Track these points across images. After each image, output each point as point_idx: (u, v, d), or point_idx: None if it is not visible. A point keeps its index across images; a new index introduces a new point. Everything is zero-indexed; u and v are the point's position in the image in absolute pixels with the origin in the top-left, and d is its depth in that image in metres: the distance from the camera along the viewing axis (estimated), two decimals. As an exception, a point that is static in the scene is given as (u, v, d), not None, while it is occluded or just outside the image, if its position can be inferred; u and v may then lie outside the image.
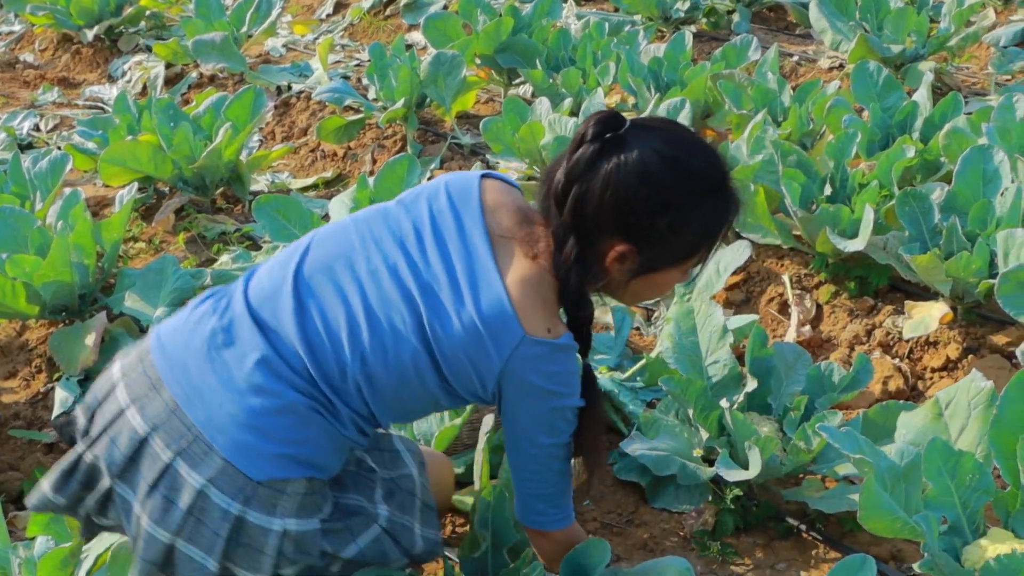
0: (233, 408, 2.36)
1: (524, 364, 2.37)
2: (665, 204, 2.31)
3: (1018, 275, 3.78)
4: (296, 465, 2.39)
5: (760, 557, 3.19)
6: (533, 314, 2.37)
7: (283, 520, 2.40)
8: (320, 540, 2.49)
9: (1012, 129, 4.98)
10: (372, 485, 2.67)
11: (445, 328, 2.36)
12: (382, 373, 2.39)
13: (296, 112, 7.51)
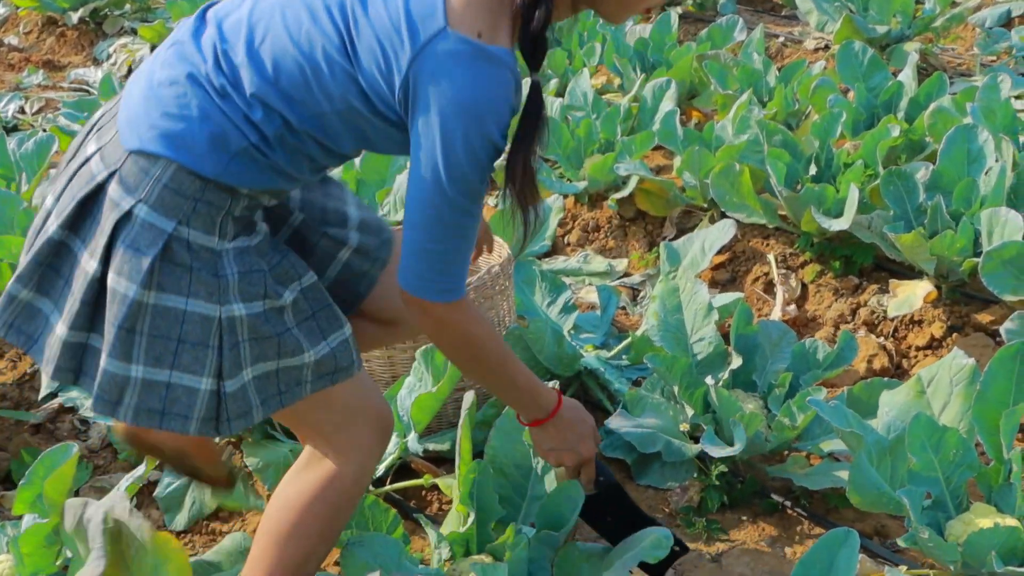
0: (138, 87, 2.28)
1: (437, 63, 2.10)
2: None
3: (1001, 253, 3.80)
4: (168, 143, 2.20)
5: (745, 533, 3.21)
6: (468, 13, 2.11)
7: (143, 202, 2.20)
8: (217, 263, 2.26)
9: (996, 109, 5.00)
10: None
11: (364, 6, 2.17)
12: (286, 54, 2.19)
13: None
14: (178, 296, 2.23)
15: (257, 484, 3.59)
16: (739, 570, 3.05)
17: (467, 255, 2.29)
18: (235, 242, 2.28)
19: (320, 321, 2.39)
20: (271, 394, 2.35)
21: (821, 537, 2.35)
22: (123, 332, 2.23)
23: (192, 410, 2.29)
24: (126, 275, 2.21)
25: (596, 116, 5.66)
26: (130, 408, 2.27)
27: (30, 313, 2.33)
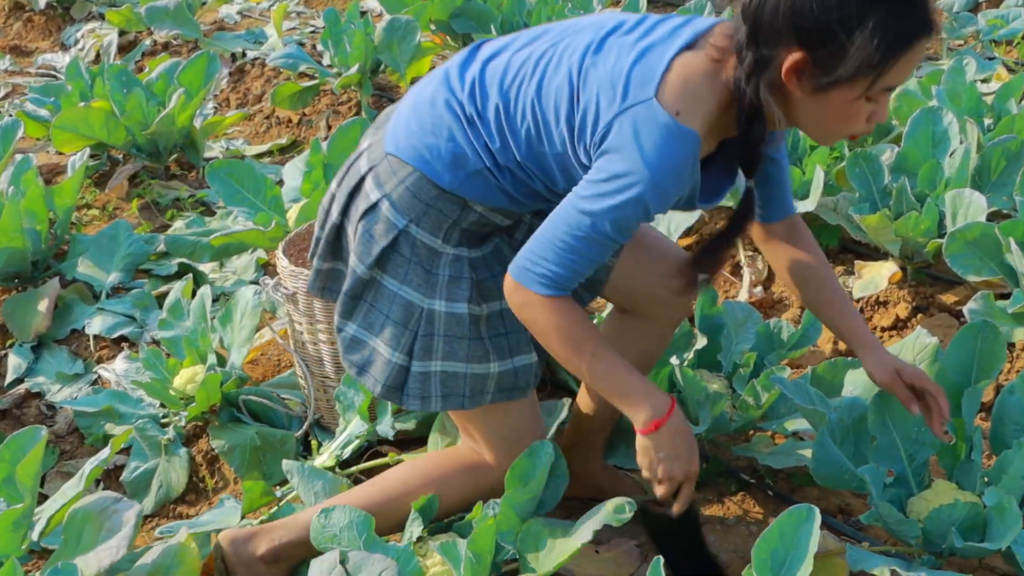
0: (409, 100, 2.72)
1: (633, 123, 2.36)
2: (841, 3, 2.27)
3: (965, 234, 3.83)
4: (417, 154, 2.61)
5: (710, 512, 3.22)
6: (674, 92, 2.36)
7: (387, 197, 2.64)
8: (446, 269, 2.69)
9: (962, 92, 5.03)
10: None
11: (596, 56, 2.45)
12: (527, 98, 2.51)
13: (251, 79, 7.48)
14: (395, 280, 2.71)
15: (223, 465, 3.59)
16: (704, 548, 3.07)
17: (585, 268, 2.49)
18: (456, 249, 2.69)
19: (511, 340, 2.76)
20: (456, 394, 2.76)
21: (782, 514, 2.37)
22: (347, 298, 2.78)
23: (382, 375, 2.77)
24: (358, 255, 2.72)
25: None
26: (341, 351, 2.87)
27: (334, 276, 2.87)
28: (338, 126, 4.98)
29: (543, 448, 2.69)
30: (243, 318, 3.75)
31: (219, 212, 5.17)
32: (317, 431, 3.61)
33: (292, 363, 3.91)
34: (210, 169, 4.76)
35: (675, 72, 2.38)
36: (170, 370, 3.77)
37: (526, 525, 2.68)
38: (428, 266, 2.68)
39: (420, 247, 2.67)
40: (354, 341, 2.81)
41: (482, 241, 2.75)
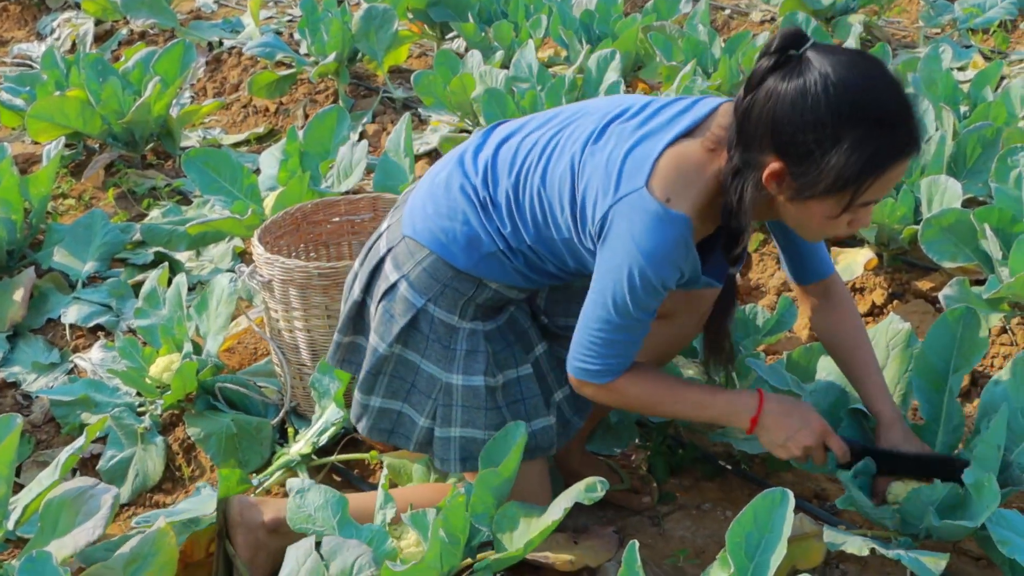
0: (426, 181, 2.84)
1: (627, 212, 2.45)
2: (817, 121, 2.29)
3: (940, 221, 3.84)
4: (433, 237, 2.72)
5: (687, 498, 3.23)
6: (665, 179, 2.44)
7: (405, 278, 2.76)
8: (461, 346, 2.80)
9: (938, 79, 5.05)
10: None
11: (596, 145, 2.53)
12: (533, 185, 2.61)
13: (228, 68, 7.46)
14: (416, 354, 2.83)
15: (199, 454, 3.59)
16: (680, 533, 3.08)
17: (631, 349, 2.62)
18: (472, 323, 2.80)
19: (528, 406, 2.87)
20: (474, 457, 2.83)
21: (756, 497, 2.36)
22: (370, 375, 2.89)
23: (412, 435, 2.91)
24: (379, 334, 2.83)
25: (541, 88, 5.66)
26: (366, 427, 2.97)
27: (354, 349, 2.99)
28: (314, 114, 4.97)
29: (516, 429, 2.69)
30: (219, 306, 3.74)
31: (196, 201, 5.15)
32: (293, 418, 3.60)
33: (268, 351, 3.90)
34: (186, 158, 4.74)
35: (667, 159, 2.46)
36: (146, 359, 3.75)
37: (502, 508, 2.67)
38: (446, 342, 2.80)
39: (438, 324, 2.79)
40: (381, 412, 2.94)
41: (497, 312, 2.86)
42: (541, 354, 2.93)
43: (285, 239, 3.80)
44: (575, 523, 3.09)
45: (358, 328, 2.96)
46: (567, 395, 2.94)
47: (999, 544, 2.47)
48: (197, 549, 3.00)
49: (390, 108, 6.68)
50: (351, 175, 4.69)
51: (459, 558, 2.60)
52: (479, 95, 5.58)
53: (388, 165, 4.58)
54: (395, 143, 4.64)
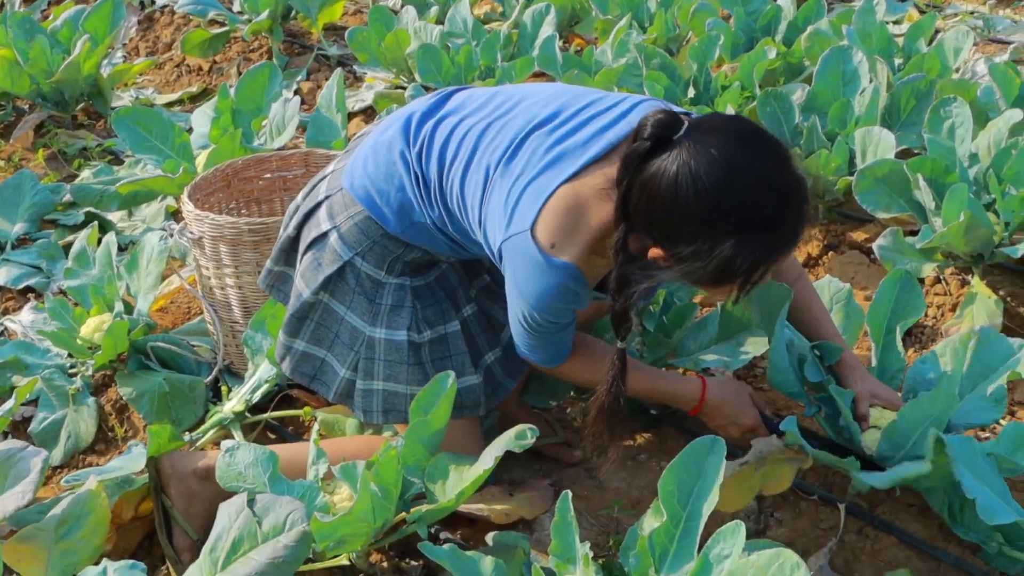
0: (371, 136, 2.84)
1: (513, 254, 2.49)
2: (692, 234, 2.27)
3: (874, 171, 3.84)
4: (367, 196, 2.73)
5: (622, 449, 3.22)
6: (552, 223, 2.44)
7: (336, 229, 2.78)
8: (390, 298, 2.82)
9: (872, 31, 5.06)
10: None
11: (508, 167, 2.53)
12: (455, 183, 2.62)
13: (160, 27, 7.36)
14: (342, 305, 2.85)
15: (132, 414, 3.55)
16: (615, 484, 3.07)
17: (564, 338, 2.69)
18: (399, 279, 2.82)
19: (454, 363, 2.87)
20: (398, 410, 2.89)
21: (688, 445, 2.37)
22: (294, 319, 2.92)
23: (333, 384, 2.93)
24: (305, 280, 2.86)
25: (476, 43, 5.63)
26: (289, 367, 2.99)
27: (284, 278, 3.02)
28: (246, 71, 4.92)
29: (444, 379, 2.66)
30: (149, 264, 3.70)
31: (127, 161, 5.09)
32: (227, 377, 3.57)
33: (202, 310, 3.86)
34: (116, 117, 4.67)
35: (558, 200, 2.45)
36: (77, 319, 3.71)
37: (433, 460, 2.66)
38: (371, 296, 2.82)
39: (364, 278, 2.81)
40: (304, 356, 2.96)
41: (427, 269, 2.88)
42: (471, 315, 2.93)
43: (216, 196, 3.75)
44: (511, 476, 3.09)
45: (289, 260, 2.98)
46: (499, 357, 2.94)
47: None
48: (126, 509, 2.96)
49: (325, 66, 6.62)
50: (283, 132, 4.64)
51: (392, 511, 2.58)
52: (414, 51, 5.54)
53: (320, 121, 4.54)
54: (327, 99, 4.60)
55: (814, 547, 2.78)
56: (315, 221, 2.84)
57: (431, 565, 2.75)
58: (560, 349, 2.70)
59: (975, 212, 3.51)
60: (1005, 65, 4.50)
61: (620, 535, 2.81)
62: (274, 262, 3.02)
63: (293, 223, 2.91)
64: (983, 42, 6.41)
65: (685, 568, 2.31)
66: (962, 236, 3.60)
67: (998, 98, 4.45)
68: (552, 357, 2.72)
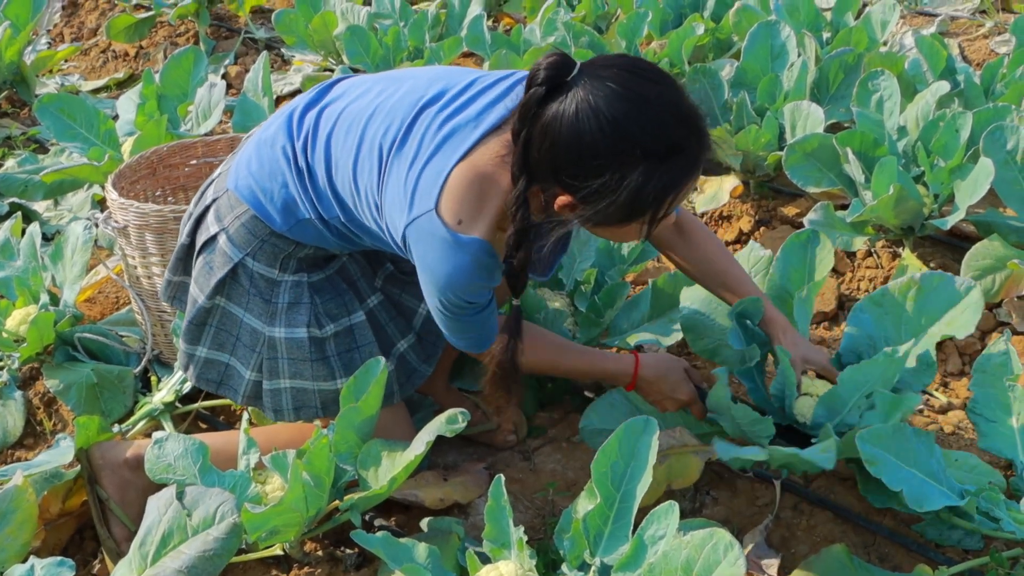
0: (254, 137, 2.77)
1: (419, 236, 2.42)
2: (599, 168, 2.24)
3: (804, 146, 3.85)
4: (252, 195, 2.66)
5: (557, 431, 3.21)
6: (455, 198, 2.38)
7: (225, 231, 2.72)
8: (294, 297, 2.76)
9: (800, 6, 5.08)
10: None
11: (400, 152, 2.46)
12: (346, 172, 2.55)
13: (85, 12, 7.27)
14: (238, 307, 2.79)
15: (61, 408, 3.50)
16: (550, 466, 3.06)
17: (488, 323, 2.62)
18: (296, 275, 2.76)
19: (362, 354, 2.81)
20: (309, 406, 2.84)
21: (620, 426, 2.36)
22: (192, 326, 2.85)
23: (240, 388, 2.86)
24: (199, 286, 2.81)
25: (404, 24, 5.59)
26: (193, 375, 2.91)
27: (184, 288, 2.94)
28: (171, 56, 4.86)
29: (375, 365, 2.63)
30: (74, 254, 3.64)
31: (53, 149, 5.03)
32: (157, 367, 3.53)
33: (130, 300, 3.81)
34: (39, 104, 4.59)
35: (458, 175, 2.40)
36: (2, 312, 3.65)
37: (365, 446, 2.63)
38: (267, 296, 2.77)
39: (258, 278, 2.75)
40: (208, 362, 2.89)
41: (326, 262, 2.82)
42: (376, 304, 2.89)
43: (141, 183, 3.70)
44: (445, 461, 3.08)
45: (187, 269, 2.91)
46: (412, 344, 2.91)
47: (868, 463, 2.46)
48: (54, 503, 2.92)
49: (253, 49, 6.56)
50: (210, 117, 4.59)
51: (325, 500, 2.56)
52: (341, 33, 5.50)
53: (247, 106, 4.50)
54: (253, 83, 4.56)
55: (750, 525, 2.78)
56: (205, 226, 2.78)
57: (366, 553, 2.73)
58: (487, 332, 2.63)
59: (904, 185, 3.53)
60: (932, 38, 4.52)
61: (555, 518, 2.80)
62: (172, 272, 2.95)
63: (186, 230, 2.86)
64: (910, 15, 6.44)
65: (620, 550, 2.31)
66: (892, 209, 3.61)
67: (925, 71, 4.48)
68: (482, 341, 2.65)
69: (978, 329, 3.60)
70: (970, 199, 3.54)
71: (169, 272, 2.95)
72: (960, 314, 2.79)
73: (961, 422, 3.26)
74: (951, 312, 2.81)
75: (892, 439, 2.45)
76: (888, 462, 2.42)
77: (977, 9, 6.47)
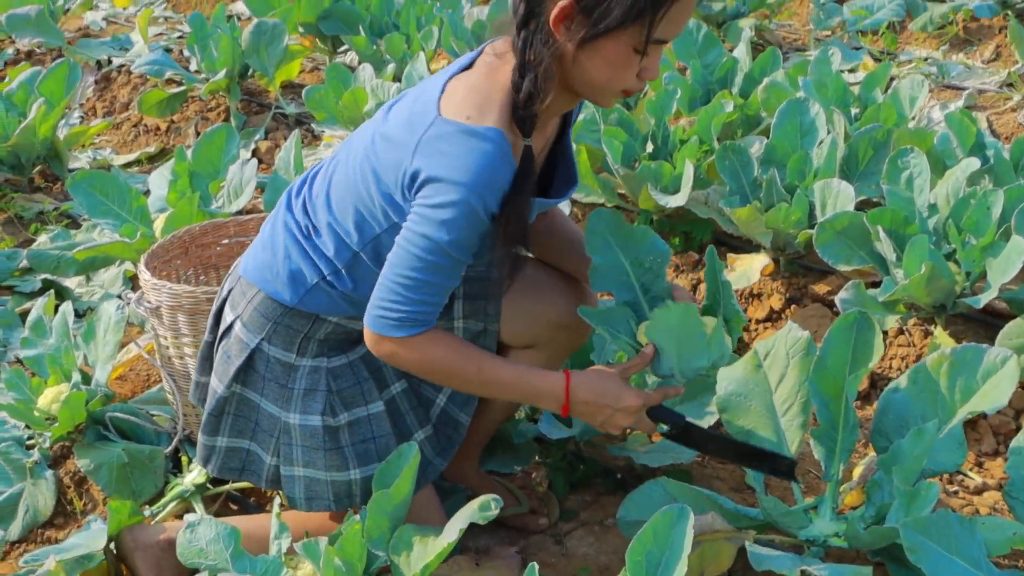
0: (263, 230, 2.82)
1: (431, 145, 2.34)
2: None
3: (834, 224, 3.85)
4: (259, 275, 2.69)
5: (589, 514, 3.20)
6: (457, 102, 2.36)
7: (239, 319, 2.74)
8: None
9: (828, 82, 5.08)
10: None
11: (384, 126, 2.48)
12: (340, 185, 2.57)
13: (117, 86, 7.34)
14: (255, 393, 2.78)
15: (92, 487, 3.50)
16: (583, 550, 3.04)
17: (437, 297, 2.47)
18: (315, 360, 2.74)
19: (378, 445, 2.77)
20: (321, 498, 2.79)
21: (655, 514, 2.34)
22: (212, 417, 2.84)
23: (262, 472, 2.85)
24: (218, 376, 2.81)
25: (434, 100, 5.62)
26: (215, 467, 2.89)
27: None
28: (203, 133, 4.89)
29: (408, 450, 2.63)
30: (106, 334, 3.65)
31: (85, 225, 5.05)
32: (187, 447, 3.52)
33: (161, 377, 3.81)
34: (72, 181, 4.64)
35: (452, 88, 2.40)
36: (34, 390, 3.65)
37: (397, 531, 2.62)
38: (283, 380, 2.75)
39: (274, 363, 2.74)
40: (229, 451, 2.88)
41: (349, 347, 2.78)
42: (399, 392, 2.84)
43: (174, 263, 3.72)
44: (476, 544, 3.06)
45: (211, 369, 2.91)
46: (428, 435, 2.88)
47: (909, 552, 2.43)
48: (85, 589, 2.92)
49: (283, 124, 6.61)
50: (241, 195, 4.62)
51: (357, 587, 2.55)
52: (371, 109, 5.54)
53: (278, 183, 4.52)
54: (285, 160, 4.59)
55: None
56: (223, 319, 2.82)
57: (398, 639, 2.71)
58: (429, 307, 2.46)
59: (936, 263, 3.52)
60: (961, 114, 4.52)
61: (589, 603, 2.79)
62: (199, 373, 2.97)
63: (208, 327, 2.89)
64: (938, 88, 6.46)
65: (655, 640, 2.29)
66: (924, 287, 3.60)
67: (955, 147, 4.47)
68: (416, 317, 2.46)
69: (1012, 408, 3.58)
70: (1003, 277, 3.53)
71: (196, 374, 2.98)
72: (995, 387, 2.77)
73: (997, 503, 3.24)
74: (987, 384, 2.79)
75: (935, 526, 2.44)
76: (930, 550, 2.40)
77: (1004, 82, 6.50)
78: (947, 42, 7.29)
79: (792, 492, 3.00)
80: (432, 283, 2.43)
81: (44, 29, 7.65)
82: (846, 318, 2.92)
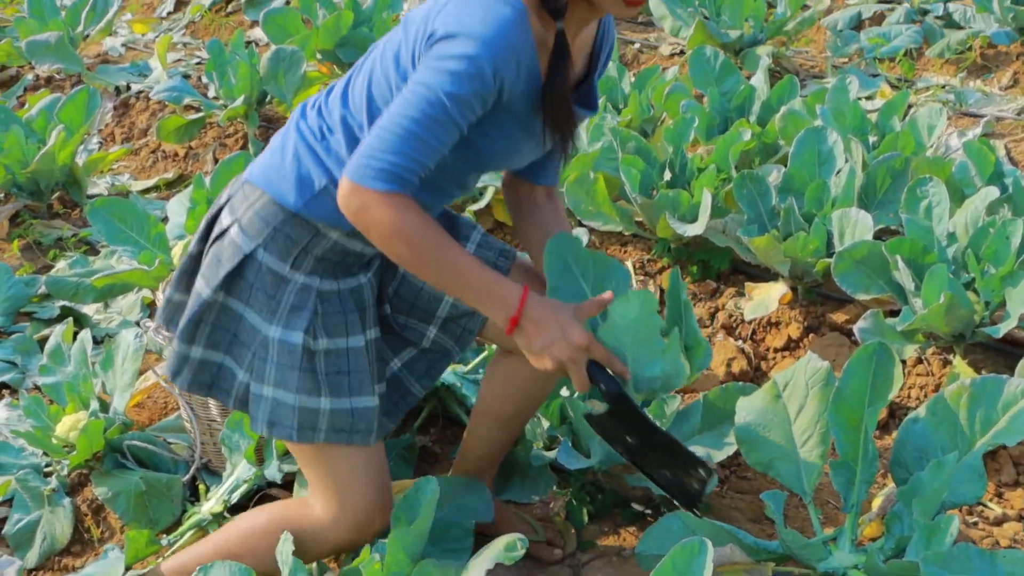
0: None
1: (455, 10, 2.34)
2: None
3: (853, 253, 3.84)
4: (265, 177, 2.63)
5: (607, 544, 3.19)
6: None
7: (237, 222, 2.64)
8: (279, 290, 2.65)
9: (846, 110, 5.08)
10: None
11: (409, 15, 2.47)
12: (363, 77, 2.53)
13: (136, 112, 7.36)
14: (239, 302, 2.68)
15: (109, 515, 3.50)
16: (600, 582, 3.04)
17: (425, 156, 2.36)
18: (308, 277, 2.65)
19: (352, 380, 2.69)
20: (284, 424, 2.66)
21: (675, 547, 2.33)
22: (191, 323, 2.71)
23: (231, 389, 2.75)
24: (205, 278, 2.69)
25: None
26: (186, 381, 2.77)
27: (182, 308, 2.80)
28: (221, 160, 4.91)
29: (428, 483, 2.62)
30: (124, 362, 3.66)
31: (103, 251, 5.06)
32: (205, 475, 3.52)
33: (178, 405, 3.82)
34: (91, 208, 4.65)
35: None
36: (52, 417, 3.66)
37: (418, 567, 2.61)
38: (271, 291, 2.64)
39: (265, 272, 2.64)
40: (202, 364, 2.76)
41: (342, 273, 2.71)
42: (373, 339, 2.78)
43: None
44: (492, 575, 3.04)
45: (190, 287, 2.77)
46: (381, 392, 2.81)
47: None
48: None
49: (301, 150, 6.62)
50: (260, 222, 4.62)
51: (375, 620, 2.54)
52: (389, 136, 5.54)
53: (297, 211, 4.53)
54: (304, 188, 4.59)
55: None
56: (217, 224, 2.70)
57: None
58: (414, 164, 2.36)
59: (955, 293, 3.52)
60: (979, 142, 4.52)
61: (606, 635, 2.78)
62: (174, 290, 2.82)
63: (197, 237, 2.77)
64: (955, 115, 6.45)
65: (674, 674, 2.28)
66: (943, 317, 3.59)
67: (973, 175, 4.47)
68: (399, 172, 2.35)
69: (1032, 440, 3.57)
70: (1022, 307, 3.53)
71: (171, 290, 2.83)
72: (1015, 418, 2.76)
73: (1017, 534, 3.23)
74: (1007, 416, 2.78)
75: (956, 560, 2.43)
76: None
77: (1022, 109, 6.49)
78: (964, 69, 7.28)
79: (811, 524, 2.98)
80: (422, 138, 2.34)
81: (64, 55, 7.68)
82: (866, 349, 2.90)
